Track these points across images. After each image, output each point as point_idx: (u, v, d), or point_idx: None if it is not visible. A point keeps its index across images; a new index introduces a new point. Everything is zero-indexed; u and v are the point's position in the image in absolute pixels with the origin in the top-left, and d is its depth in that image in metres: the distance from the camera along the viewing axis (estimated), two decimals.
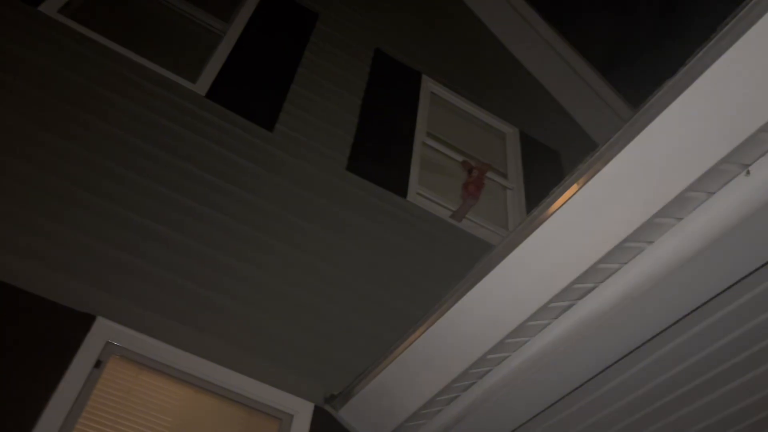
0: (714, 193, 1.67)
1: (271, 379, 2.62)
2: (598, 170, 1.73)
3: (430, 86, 4.81)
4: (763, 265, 1.75)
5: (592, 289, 1.98)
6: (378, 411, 2.57)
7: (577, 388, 2.35)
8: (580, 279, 1.88)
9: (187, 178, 3.06)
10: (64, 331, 2.30)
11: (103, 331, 2.38)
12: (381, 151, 4.10)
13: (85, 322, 2.36)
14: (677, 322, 1.99)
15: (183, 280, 2.70)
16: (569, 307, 2.04)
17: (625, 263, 1.89)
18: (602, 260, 1.82)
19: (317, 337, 2.88)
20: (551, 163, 4.96)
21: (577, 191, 1.77)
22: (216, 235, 2.94)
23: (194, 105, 3.41)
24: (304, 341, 2.83)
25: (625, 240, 1.75)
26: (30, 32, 3.17)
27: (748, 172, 1.60)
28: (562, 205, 1.79)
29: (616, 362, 2.23)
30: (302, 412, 2.62)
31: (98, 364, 2.30)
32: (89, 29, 3.36)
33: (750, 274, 1.78)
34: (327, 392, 2.70)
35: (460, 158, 4.43)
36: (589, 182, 1.74)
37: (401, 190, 3.89)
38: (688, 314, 1.95)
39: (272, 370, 2.65)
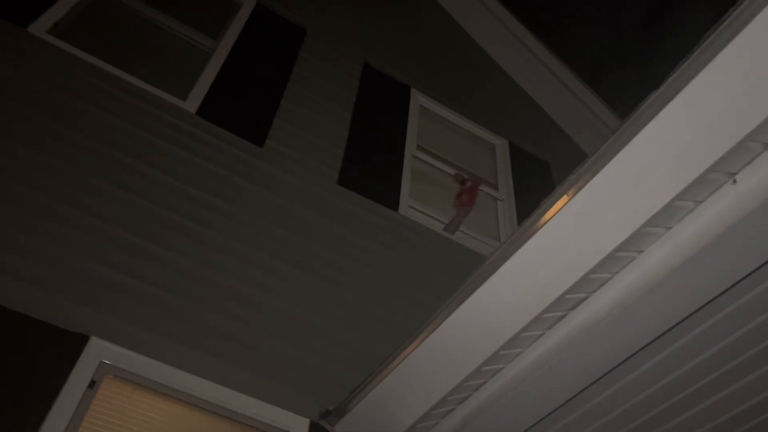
0: (702, 201, 1.69)
1: (265, 396, 2.61)
2: (588, 181, 1.75)
3: (419, 99, 4.84)
4: (753, 271, 1.77)
5: (585, 298, 2.00)
6: (374, 426, 2.56)
7: (573, 397, 2.36)
8: (572, 289, 1.89)
9: (177, 196, 3.06)
10: (58, 351, 2.29)
11: (96, 350, 2.36)
12: (372, 164, 4.12)
13: (79, 342, 2.34)
14: (671, 329, 2.00)
15: (175, 298, 2.70)
16: (562, 317, 2.06)
17: (617, 272, 1.90)
18: (594, 270, 1.84)
19: (311, 353, 2.88)
20: (541, 174, 4.99)
21: (567, 202, 1.78)
22: (206, 252, 2.94)
23: (185, 122, 3.42)
24: (298, 357, 2.83)
25: (616, 249, 1.77)
26: (19, 52, 3.17)
27: (734, 181, 1.63)
28: (553, 216, 1.81)
29: (611, 370, 2.23)
30: (298, 428, 2.60)
31: (92, 384, 2.29)
32: (78, 49, 3.37)
33: (741, 279, 1.80)
34: (322, 408, 2.69)
35: (450, 170, 4.45)
36: (579, 193, 1.76)
37: (393, 203, 3.90)
38: (682, 321, 1.96)
39: (267, 386, 2.64)
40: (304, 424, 2.63)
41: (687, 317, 1.95)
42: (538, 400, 2.39)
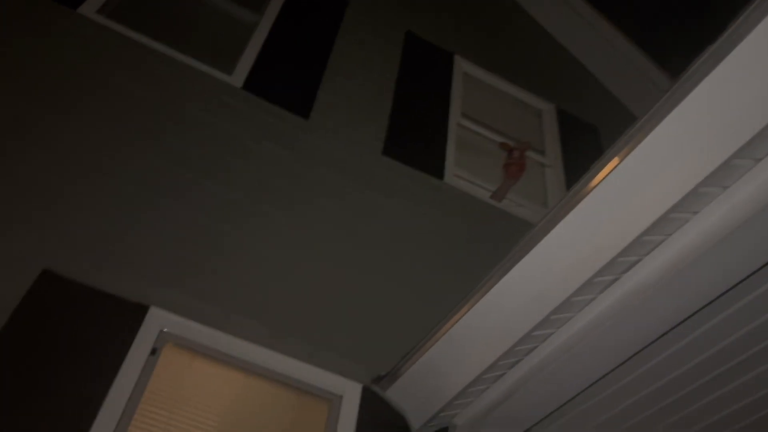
0: (761, 159, 1.64)
1: (319, 362, 2.68)
2: (640, 141, 1.71)
3: (463, 66, 4.78)
4: None
5: (637, 262, 1.97)
6: (425, 390, 2.60)
7: (624, 362, 2.35)
8: (624, 252, 1.87)
9: (227, 170, 3.13)
10: (121, 321, 2.39)
11: (156, 320, 2.46)
12: (416, 133, 4.11)
13: (140, 312, 2.44)
14: (725, 293, 1.97)
15: (231, 269, 2.78)
16: (614, 281, 2.04)
17: (671, 234, 1.87)
18: (646, 232, 1.81)
19: (362, 321, 2.93)
20: (590, 139, 4.89)
21: (618, 164, 1.76)
22: (258, 224, 3.01)
23: (231, 97, 3.47)
24: (350, 324, 2.89)
25: (670, 211, 1.74)
26: (69, 34, 3.26)
27: None
28: (604, 178, 1.79)
29: (663, 335, 2.21)
30: (351, 393, 2.67)
31: (154, 352, 2.39)
32: (126, 27, 3.44)
33: None
34: (374, 373, 2.74)
35: (496, 138, 4.40)
36: (631, 154, 1.73)
37: (438, 172, 3.90)
38: (736, 285, 1.92)
39: (320, 353, 2.71)
40: (356, 388, 2.69)
41: (742, 280, 1.92)
42: (588, 366, 2.38)
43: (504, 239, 3.44)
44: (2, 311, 2.23)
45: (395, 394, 2.69)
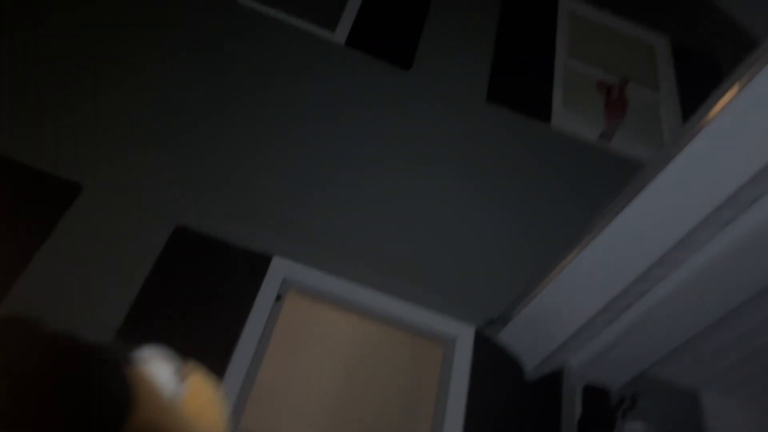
0: None
1: (434, 306, 2.76)
2: (762, 68, 1.62)
3: (567, 3, 4.59)
4: None
5: (761, 197, 1.88)
6: (537, 333, 2.62)
7: (743, 304, 2.25)
8: (747, 186, 1.78)
9: (336, 127, 3.23)
10: (248, 270, 2.58)
11: (280, 268, 2.63)
12: (521, 77, 4.02)
13: (264, 261, 2.62)
14: None
15: (346, 221, 2.91)
16: (735, 217, 1.95)
17: None
18: None
19: (474, 266, 2.98)
20: (710, 73, 4.58)
21: (738, 92, 1.67)
22: (371, 175, 3.10)
23: (335, 54, 3.56)
24: (463, 270, 2.94)
25: None
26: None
27: None
28: (723, 108, 1.70)
29: None
30: (464, 335, 2.74)
31: (278, 298, 2.57)
32: None
33: None
34: (486, 317, 2.80)
35: (607, 76, 4.22)
36: (752, 80, 1.63)
37: (545, 115, 3.82)
38: None
39: (434, 297, 2.79)
40: (469, 332, 2.75)
41: None
42: (703, 307, 2.31)
43: (616, 181, 3.36)
44: (144, 264, 2.47)
45: (508, 337, 2.73)
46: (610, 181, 3.53)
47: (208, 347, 2.35)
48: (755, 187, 1.82)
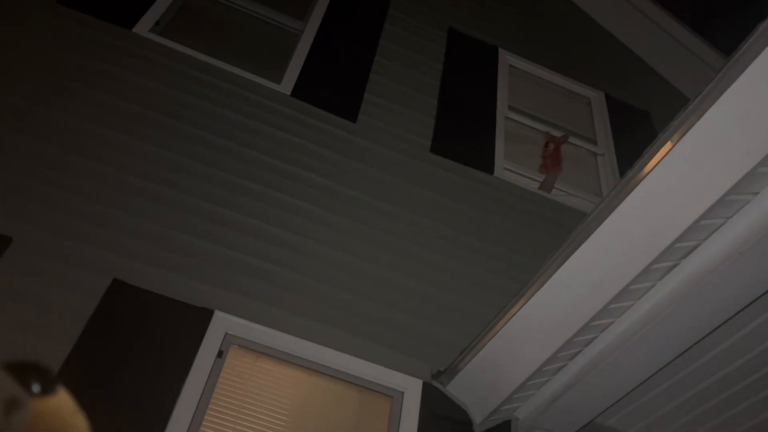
0: None
1: (380, 359, 2.72)
2: (693, 124, 1.69)
3: (507, 59, 4.76)
4: None
5: (697, 246, 1.94)
6: (485, 384, 2.61)
7: (684, 352, 2.31)
8: (682, 237, 1.84)
9: (283, 176, 3.21)
10: (188, 325, 2.49)
11: (221, 323, 2.55)
12: (463, 129, 4.11)
13: (205, 316, 2.54)
14: None
15: (290, 272, 2.86)
16: (673, 267, 2.01)
17: (730, 217, 1.84)
18: (704, 216, 1.78)
19: (420, 318, 2.96)
20: (642, 125, 4.79)
21: (671, 148, 1.74)
22: (314, 227, 3.08)
23: (282, 104, 3.56)
24: (408, 322, 2.92)
25: (728, 193, 1.71)
26: (124, 52, 3.40)
27: None
28: (658, 163, 1.77)
29: (723, 323, 2.17)
30: (412, 388, 2.70)
31: (220, 354, 2.48)
32: (178, 43, 3.57)
33: None
34: (434, 369, 2.77)
35: (545, 128, 4.36)
36: (684, 137, 1.71)
37: (488, 166, 3.89)
38: None
39: (381, 350, 2.75)
40: (417, 384, 2.72)
41: None
42: (648, 356, 2.35)
43: (558, 230, 3.44)
44: (79, 319, 2.35)
45: (456, 389, 2.71)
46: (554, 228, 3.63)
47: (147, 406, 2.23)
48: (690, 238, 1.88)
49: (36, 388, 0.58)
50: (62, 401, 0.63)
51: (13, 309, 2.31)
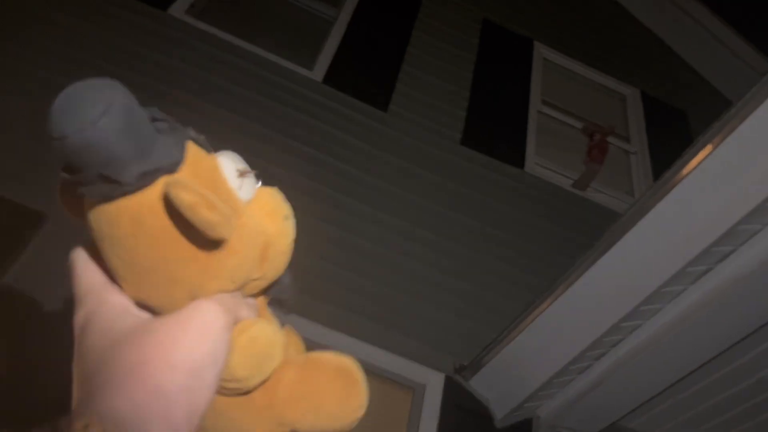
0: None
1: (403, 352, 2.72)
2: (735, 128, 1.65)
3: (542, 52, 4.69)
4: None
5: (732, 251, 1.90)
6: (509, 380, 2.60)
7: (713, 358, 2.27)
8: (718, 242, 1.81)
9: (312, 164, 3.21)
10: None
11: None
12: (495, 122, 4.07)
13: None
14: None
15: (318, 260, 2.86)
16: (707, 271, 1.97)
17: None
18: (742, 221, 1.74)
19: (445, 311, 2.95)
20: (677, 124, 4.70)
21: (711, 151, 1.70)
22: (343, 216, 3.08)
23: (313, 91, 3.56)
24: (433, 315, 2.91)
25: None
26: (160, 34, 3.42)
27: None
28: (697, 166, 1.73)
29: (755, 331, 2.13)
30: (434, 382, 2.70)
31: None
32: (213, 26, 3.58)
33: None
34: (457, 363, 2.76)
35: (578, 124, 4.30)
36: (725, 141, 1.67)
37: (518, 161, 3.85)
38: None
39: (404, 342, 2.75)
40: (439, 378, 2.71)
41: None
42: (676, 360, 2.32)
43: (587, 228, 3.40)
44: None
45: (479, 384, 2.70)
46: (584, 226, 3.59)
47: None
48: (726, 243, 1.84)
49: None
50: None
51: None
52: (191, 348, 0.46)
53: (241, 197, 0.54)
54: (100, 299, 0.50)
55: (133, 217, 0.46)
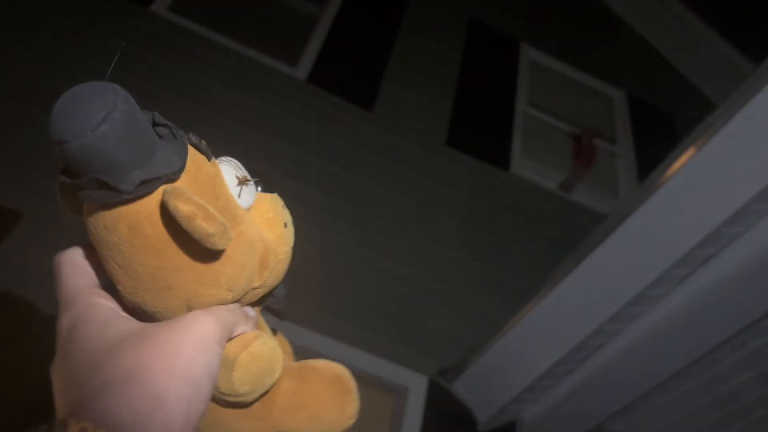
0: None
1: (385, 354, 2.69)
2: (718, 130, 1.64)
3: (529, 53, 4.68)
4: None
5: (714, 255, 1.89)
6: (492, 384, 2.58)
7: (696, 361, 2.26)
8: (702, 244, 1.80)
9: (296, 163, 3.18)
10: None
11: None
12: (481, 123, 4.06)
13: None
14: None
15: (299, 261, 2.81)
16: (690, 274, 1.96)
17: (752, 227, 1.78)
18: (725, 224, 1.73)
19: (428, 313, 2.93)
20: (664, 127, 4.71)
21: (694, 154, 1.69)
22: (327, 218, 3.05)
23: (296, 89, 3.52)
24: (416, 317, 2.89)
25: (751, 201, 1.66)
26: (141, 31, 3.38)
27: None
28: (679, 168, 1.72)
29: (737, 333, 2.12)
30: (417, 385, 2.67)
31: None
32: (196, 23, 3.54)
33: None
34: (440, 366, 2.74)
35: (565, 126, 4.30)
36: (709, 143, 1.65)
37: (504, 162, 3.84)
38: None
39: (386, 345, 2.72)
40: (422, 381, 2.69)
41: None
42: (659, 363, 2.31)
43: (572, 230, 3.39)
44: None
45: (462, 387, 2.68)
46: (569, 228, 3.58)
47: None
48: (709, 246, 1.83)
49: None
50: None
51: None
52: (191, 358, 0.46)
53: (240, 204, 0.55)
54: (89, 302, 0.49)
55: (130, 224, 0.47)
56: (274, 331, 0.76)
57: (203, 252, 0.47)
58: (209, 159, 0.53)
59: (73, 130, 0.42)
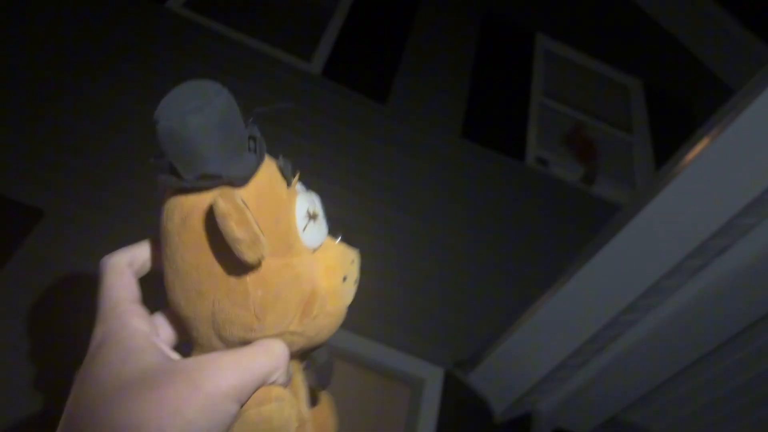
0: None
1: (402, 346, 2.71)
2: (733, 119, 1.62)
3: (544, 43, 4.65)
4: None
5: (729, 246, 1.88)
6: (508, 375, 2.59)
7: (712, 351, 2.26)
8: (716, 235, 1.79)
9: (311, 156, 3.20)
10: None
11: None
12: (496, 115, 4.05)
13: None
14: None
15: None
16: (705, 265, 1.95)
17: (766, 217, 1.77)
18: (740, 215, 1.72)
19: (444, 305, 2.94)
20: (682, 116, 4.66)
21: (709, 144, 1.67)
22: (341, 211, 3.06)
23: (311, 83, 3.54)
24: (432, 309, 2.90)
25: (766, 192, 1.64)
26: (158, 28, 3.41)
27: None
28: (694, 158, 1.71)
29: (754, 324, 2.11)
30: (433, 377, 2.69)
31: None
32: (212, 20, 3.57)
33: None
34: (456, 358, 2.75)
35: (581, 116, 4.26)
36: (724, 133, 1.64)
37: (519, 154, 3.83)
38: None
39: (403, 337, 2.74)
40: (438, 373, 2.70)
41: None
42: (675, 354, 2.31)
43: (588, 221, 3.38)
44: None
45: (477, 379, 2.69)
46: (585, 219, 3.57)
47: None
48: (724, 236, 1.82)
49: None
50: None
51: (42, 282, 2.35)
52: (192, 420, 0.42)
53: (302, 239, 0.54)
54: (123, 323, 0.48)
55: (184, 215, 0.48)
56: (314, 396, 0.70)
57: (237, 265, 0.46)
58: (288, 185, 0.54)
59: (167, 112, 0.46)
